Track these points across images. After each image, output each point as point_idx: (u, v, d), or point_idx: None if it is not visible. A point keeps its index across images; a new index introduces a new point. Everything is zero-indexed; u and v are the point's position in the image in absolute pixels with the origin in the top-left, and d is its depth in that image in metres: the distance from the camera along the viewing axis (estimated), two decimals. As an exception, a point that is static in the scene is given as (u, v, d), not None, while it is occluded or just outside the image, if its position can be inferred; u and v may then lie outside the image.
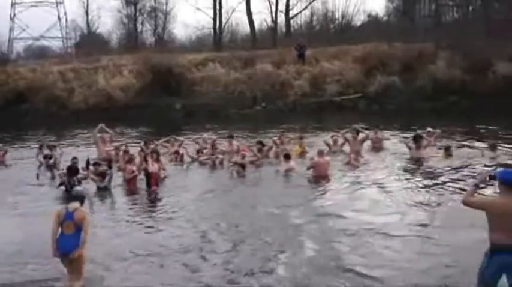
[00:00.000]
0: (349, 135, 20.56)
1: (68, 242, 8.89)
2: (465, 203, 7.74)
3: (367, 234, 11.07)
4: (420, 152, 19.29)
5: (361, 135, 20.61)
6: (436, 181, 15.73)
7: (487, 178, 7.93)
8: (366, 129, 21.50)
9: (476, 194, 7.77)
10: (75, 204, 9.24)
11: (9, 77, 38.71)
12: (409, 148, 19.66)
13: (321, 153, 17.45)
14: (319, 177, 16.74)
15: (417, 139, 19.60)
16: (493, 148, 18.98)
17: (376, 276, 8.97)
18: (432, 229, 11.27)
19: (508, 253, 7.38)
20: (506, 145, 20.31)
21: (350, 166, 18.27)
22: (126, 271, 9.73)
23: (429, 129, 21.59)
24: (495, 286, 7.57)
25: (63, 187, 15.74)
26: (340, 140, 21.02)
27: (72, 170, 15.90)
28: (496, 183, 7.71)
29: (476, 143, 21.34)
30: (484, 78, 34.55)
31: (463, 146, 21.20)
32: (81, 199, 9.41)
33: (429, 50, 37.68)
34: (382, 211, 12.82)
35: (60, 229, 9.04)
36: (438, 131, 21.68)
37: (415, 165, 18.33)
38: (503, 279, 7.49)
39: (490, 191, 11.95)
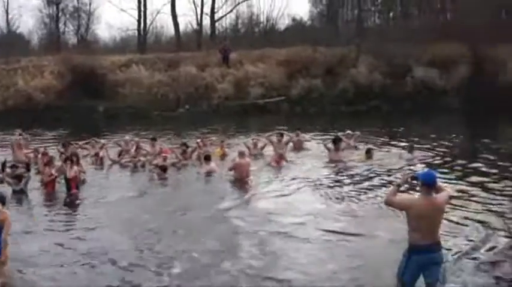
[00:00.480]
0: (274, 138, 20.65)
1: None
2: (387, 202, 8.10)
3: (278, 236, 11.14)
4: (338, 155, 19.46)
5: (285, 138, 20.81)
6: (355, 184, 15.91)
7: (409, 179, 8.15)
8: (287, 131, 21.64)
9: (398, 194, 7.97)
10: None
11: None
12: (328, 149, 19.87)
13: (242, 154, 17.47)
14: (241, 178, 16.79)
15: (336, 141, 19.79)
16: (410, 149, 19.37)
17: (281, 278, 9.06)
18: (345, 233, 11.29)
19: (425, 252, 7.68)
20: (423, 147, 20.92)
21: (272, 168, 18.44)
22: (35, 274, 9.62)
23: (348, 131, 21.98)
24: (413, 286, 7.83)
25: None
26: (260, 143, 21.06)
27: None
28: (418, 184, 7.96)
29: (394, 146, 21.90)
30: (403, 82, 35.49)
31: (382, 148, 21.62)
32: (2, 200, 9.21)
33: (351, 55, 38.33)
34: (297, 213, 12.82)
35: None
36: (357, 133, 22.08)
37: (334, 168, 18.42)
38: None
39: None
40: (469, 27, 35.80)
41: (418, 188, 8.19)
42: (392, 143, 22.88)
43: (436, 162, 18.66)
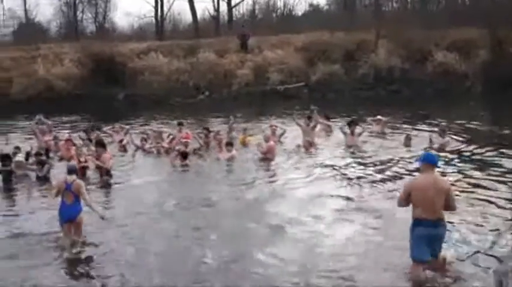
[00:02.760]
0: (301, 122, 20.55)
1: (71, 211, 10.38)
2: (398, 205, 8.79)
3: (308, 225, 11.15)
4: (354, 139, 19.43)
5: (313, 122, 20.61)
6: (377, 171, 15.72)
7: None
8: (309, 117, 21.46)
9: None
10: (72, 177, 10.51)
11: None
12: (344, 133, 19.86)
13: (267, 138, 18.22)
14: (268, 161, 17.33)
15: (351, 125, 19.79)
16: (442, 133, 18.90)
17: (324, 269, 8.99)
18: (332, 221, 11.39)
19: (427, 226, 8.16)
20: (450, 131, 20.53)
21: (299, 153, 18.51)
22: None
23: (378, 116, 21.89)
24: (424, 254, 8.19)
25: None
26: (279, 131, 20.99)
27: (5, 157, 16.06)
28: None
29: (422, 130, 21.51)
30: (423, 67, 35.35)
31: (411, 132, 21.09)
32: (74, 171, 10.75)
33: (370, 40, 38.17)
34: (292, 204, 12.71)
35: (61, 200, 10.45)
36: (386, 118, 22.03)
37: (352, 153, 18.38)
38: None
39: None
40: (487, 11, 35.69)
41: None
42: (420, 127, 22.50)
43: (469, 148, 18.30)
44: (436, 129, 20.29)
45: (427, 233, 8.15)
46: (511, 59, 33.09)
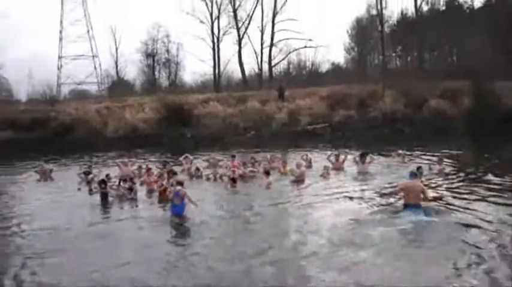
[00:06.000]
0: (332, 158, 20.64)
1: (178, 209, 12.71)
2: (397, 191, 13.32)
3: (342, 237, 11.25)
4: (364, 167, 19.40)
5: (341, 157, 20.69)
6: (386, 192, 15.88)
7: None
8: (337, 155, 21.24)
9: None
10: (179, 186, 13.05)
11: (57, 114, 38.70)
12: (356, 163, 19.82)
13: (299, 165, 18.42)
14: (301, 183, 17.44)
15: (363, 156, 19.77)
16: (440, 161, 18.98)
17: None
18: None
19: (410, 207, 12.06)
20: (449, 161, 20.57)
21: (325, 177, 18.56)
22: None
23: (399, 151, 21.78)
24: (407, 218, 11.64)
25: (98, 194, 16.25)
26: (303, 163, 20.89)
27: (103, 182, 16.41)
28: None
29: (423, 160, 21.38)
30: (420, 110, 35.11)
31: (415, 160, 21.39)
32: (182, 183, 13.44)
33: (378, 90, 38.08)
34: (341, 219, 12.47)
35: (172, 202, 12.94)
36: (405, 152, 21.89)
37: (362, 179, 18.31)
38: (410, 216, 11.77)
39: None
40: (471, 68, 35.46)
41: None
42: (422, 157, 22.52)
43: (458, 172, 18.46)
44: (433, 159, 20.45)
45: (410, 210, 11.96)
46: (489, 105, 32.72)
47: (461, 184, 16.42)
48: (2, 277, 9.41)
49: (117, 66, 65.06)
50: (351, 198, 14.93)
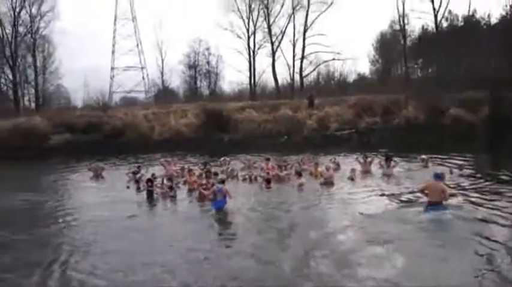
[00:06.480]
0: (361, 159, 20.33)
1: (220, 203, 13.36)
2: (419, 190, 12.96)
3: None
4: (389, 170, 19.09)
5: (368, 159, 20.35)
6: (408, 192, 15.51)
7: None
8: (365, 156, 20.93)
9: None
10: (221, 184, 13.97)
11: (109, 119, 39.19)
12: (382, 166, 19.44)
13: (328, 168, 18.34)
14: (330, 185, 17.23)
15: (387, 159, 19.45)
16: (461, 167, 18.65)
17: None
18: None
19: (433, 206, 11.92)
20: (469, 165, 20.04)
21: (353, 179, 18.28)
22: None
23: (422, 156, 21.29)
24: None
25: (144, 191, 16.52)
26: (337, 163, 20.91)
27: (150, 180, 16.67)
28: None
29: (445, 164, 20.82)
30: (441, 118, 34.26)
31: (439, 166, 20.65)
32: (223, 181, 14.49)
33: (401, 99, 37.37)
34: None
35: (215, 197, 13.59)
36: (429, 156, 21.36)
37: (387, 180, 18.07)
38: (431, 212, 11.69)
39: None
40: (489, 78, 34.60)
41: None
42: (445, 161, 21.92)
43: (478, 175, 17.97)
44: (455, 163, 20.21)
45: (432, 208, 11.85)
46: (506, 113, 31.80)
47: (481, 185, 16.14)
48: (54, 262, 9.64)
49: (162, 76, 65.78)
50: (377, 198, 14.70)
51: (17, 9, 53.74)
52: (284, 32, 55.74)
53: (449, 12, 53.33)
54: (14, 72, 54.28)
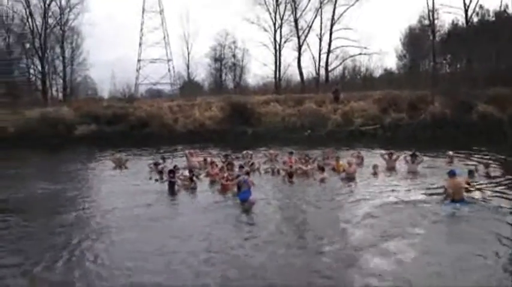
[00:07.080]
0: (386, 156, 20.05)
1: (246, 194, 13.53)
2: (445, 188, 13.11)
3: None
4: (414, 167, 18.84)
5: (394, 156, 20.02)
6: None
7: None
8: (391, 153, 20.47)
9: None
10: (246, 176, 14.34)
11: (135, 110, 39.47)
12: (407, 162, 19.15)
13: (351, 163, 18.21)
14: (352, 178, 17.13)
15: (413, 156, 19.21)
16: (487, 165, 18.10)
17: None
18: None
19: (453, 202, 12.36)
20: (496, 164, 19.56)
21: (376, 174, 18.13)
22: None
23: (449, 152, 20.96)
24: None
25: (166, 182, 16.60)
26: (361, 158, 20.78)
27: (172, 171, 16.75)
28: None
29: (470, 162, 20.31)
30: (468, 115, 33.53)
31: (463, 162, 20.39)
32: (248, 173, 15.16)
33: (428, 95, 36.71)
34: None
35: (240, 188, 13.93)
36: (454, 153, 21.05)
37: (411, 177, 17.74)
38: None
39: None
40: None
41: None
42: (470, 158, 21.48)
43: (504, 173, 17.55)
44: (480, 160, 19.85)
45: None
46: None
47: (505, 183, 15.70)
48: (77, 246, 10.01)
49: (188, 69, 65.93)
50: (398, 194, 14.47)
51: (47, 2, 54.88)
52: (311, 26, 55.19)
53: (480, 7, 52.13)
54: (42, 63, 55.58)
